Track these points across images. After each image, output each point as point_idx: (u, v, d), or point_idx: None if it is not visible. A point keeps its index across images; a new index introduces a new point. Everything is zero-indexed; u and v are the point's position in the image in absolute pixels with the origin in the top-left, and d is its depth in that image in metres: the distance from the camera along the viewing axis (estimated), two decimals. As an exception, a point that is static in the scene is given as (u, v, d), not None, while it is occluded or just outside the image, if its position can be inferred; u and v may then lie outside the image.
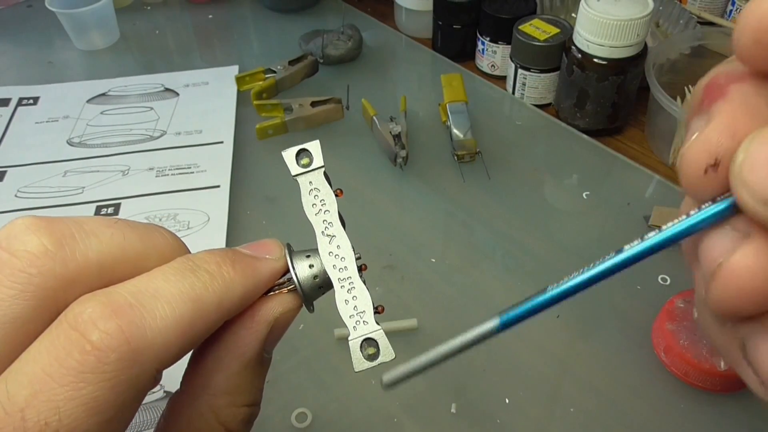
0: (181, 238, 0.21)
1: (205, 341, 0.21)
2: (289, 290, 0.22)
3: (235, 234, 0.51)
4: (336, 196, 0.23)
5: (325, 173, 0.23)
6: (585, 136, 0.60)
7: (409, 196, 0.55)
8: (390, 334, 0.21)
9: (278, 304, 0.22)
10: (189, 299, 0.18)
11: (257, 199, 0.55)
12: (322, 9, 0.79)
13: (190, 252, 0.21)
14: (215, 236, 0.51)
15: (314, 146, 0.23)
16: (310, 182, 0.23)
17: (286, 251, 0.22)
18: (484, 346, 0.45)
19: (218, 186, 0.55)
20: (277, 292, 0.22)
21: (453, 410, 0.40)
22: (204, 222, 0.52)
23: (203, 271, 0.19)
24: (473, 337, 0.19)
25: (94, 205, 0.54)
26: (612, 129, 0.60)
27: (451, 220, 0.53)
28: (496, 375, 0.42)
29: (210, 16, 0.80)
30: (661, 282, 0.47)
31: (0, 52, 0.76)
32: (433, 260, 0.49)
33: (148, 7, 0.82)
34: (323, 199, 0.23)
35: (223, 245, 0.50)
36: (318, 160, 0.23)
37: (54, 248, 0.18)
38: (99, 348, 0.16)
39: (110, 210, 0.53)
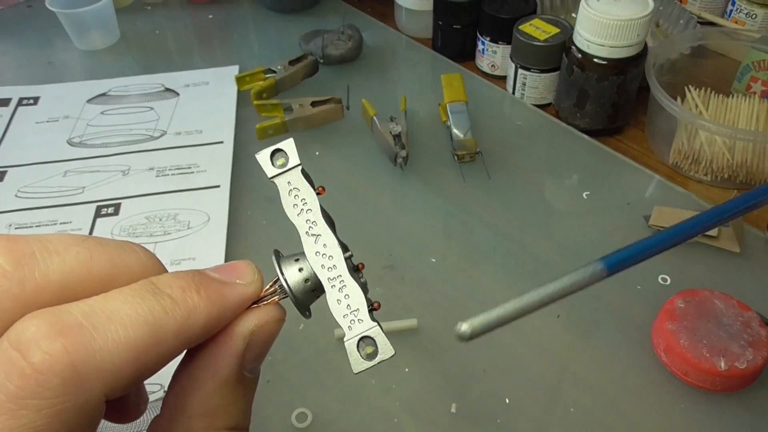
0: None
1: (184, 361, 0.20)
2: (281, 299, 0.21)
3: (235, 234, 0.51)
4: (318, 194, 0.22)
5: (303, 171, 0.22)
6: (585, 136, 0.60)
7: (409, 196, 0.55)
8: (390, 335, 0.21)
9: (254, 317, 0.20)
10: (146, 323, 0.17)
11: (257, 199, 0.55)
12: (322, 9, 0.79)
13: (167, 272, 0.20)
14: (215, 236, 0.51)
15: (288, 145, 0.22)
16: (289, 182, 0.22)
17: (274, 258, 0.21)
18: (484, 346, 0.45)
19: (218, 186, 0.55)
20: (268, 301, 0.21)
21: (453, 410, 0.40)
22: (204, 222, 0.52)
23: (165, 295, 0.18)
24: (576, 281, 0.16)
25: (94, 205, 0.54)
26: (612, 129, 0.60)
27: (451, 220, 0.53)
28: (496, 375, 0.42)
29: (210, 16, 0.80)
30: (661, 282, 0.47)
31: (0, 52, 0.76)
32: (433, 260, 0.49)
33: (148, 7, 0.82)
34: (304, 199, 0.22)
35: (224, 245, 0.50)
36: (294, 158, 0.22)
37: (11, 268, 0.17)
38: (40, 371, 0.15)
39: (110, 210, 0.54)
